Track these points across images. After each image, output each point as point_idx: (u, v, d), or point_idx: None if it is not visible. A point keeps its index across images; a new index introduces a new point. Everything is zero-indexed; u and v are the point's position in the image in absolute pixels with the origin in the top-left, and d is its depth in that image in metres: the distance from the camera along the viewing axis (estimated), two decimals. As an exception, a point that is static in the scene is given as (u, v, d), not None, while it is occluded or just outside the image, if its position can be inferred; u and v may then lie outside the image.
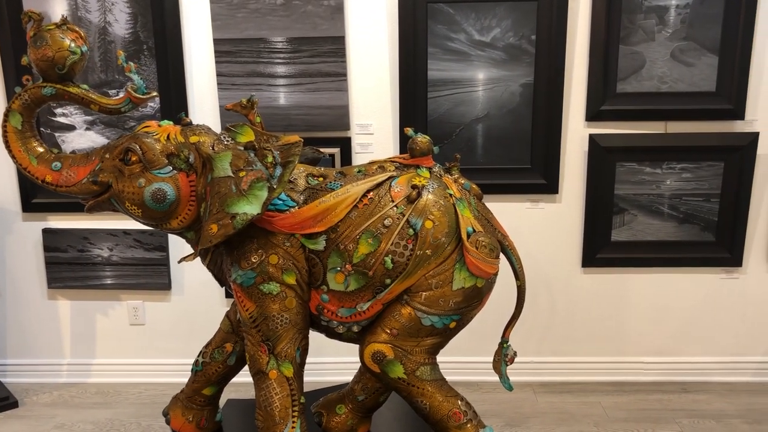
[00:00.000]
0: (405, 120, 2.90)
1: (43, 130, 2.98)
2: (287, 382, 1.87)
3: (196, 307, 3.18)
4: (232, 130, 1.83)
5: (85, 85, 1.84)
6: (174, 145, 1.81)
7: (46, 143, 1.90)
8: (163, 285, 3.13)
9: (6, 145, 1.83)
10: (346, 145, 2.96)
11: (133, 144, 1.80)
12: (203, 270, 2.08)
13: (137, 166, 1.80)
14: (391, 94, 2.94)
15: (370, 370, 1.88)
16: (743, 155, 2.91)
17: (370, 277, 1.81)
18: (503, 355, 1.98)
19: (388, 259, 1.79)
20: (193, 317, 3.19)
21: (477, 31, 2.83)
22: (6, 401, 2.99)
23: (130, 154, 1.80)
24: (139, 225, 2.89)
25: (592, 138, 2.92)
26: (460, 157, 2.03)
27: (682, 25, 2.81)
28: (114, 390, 3.17)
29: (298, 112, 2.92)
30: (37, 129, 1.90)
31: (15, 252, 3.16)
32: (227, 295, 3.13)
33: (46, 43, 1.74)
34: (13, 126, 1.81)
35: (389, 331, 1.84)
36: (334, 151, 2.94)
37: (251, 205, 1.73)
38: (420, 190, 1.82)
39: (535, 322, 3.14)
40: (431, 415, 1.87)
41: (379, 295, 1.83)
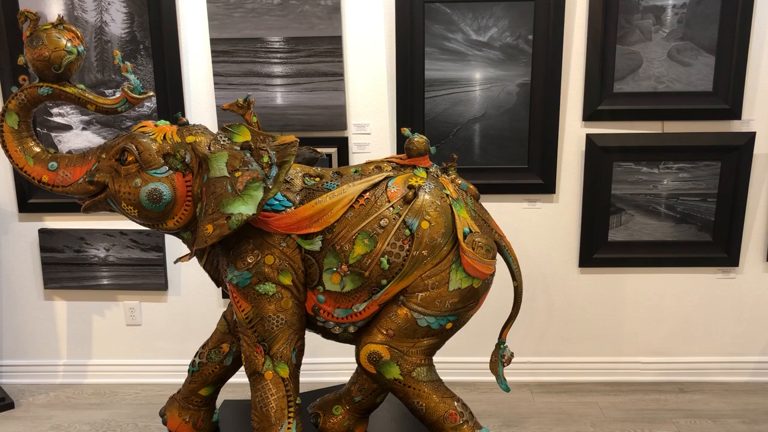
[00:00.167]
0: (402, 120, 2.90)
1: (39, 130, 2.97)
2: (283, 382, 1.87)
3: (192, 307, 3.17)
4: (228, 130, 1.83)
5: (82, 85, 1.84)
6: (170, 145, 1.81)
7: (43, 143, 1.90)
8: (160, 285, 3.13)
9: (2, 145, 1.83)
10: (343, 145, 2.96)
11: (130, 144, 1.80)
12: (200, 270, 2.09)
13: (133, 166, 1.80)
14: (388, 93, 2.93)
15: (366, 370, 1.87)
16: (740, 155, 2.91)
17: (366, 278, 1.81)
18: (500, 356, 1.98)
19: (384, 259, 1.79)
20: (190, 318, 3.18)
21: (474, 31, 2.83)
22: (2, 402, 2.98)
23: (127, 154, 1.80)
24: (135, 225, 2.90)
25: (589, 138, 2.92)
26: (457, 157, 2.02)
27: (679, 25, 2.81)
28: (111, 391, 3.16)
29: (295, 111, 2.92)
30: (34, 129, 1.90)
31: (11, 252, 3.15)
32: (224, 296, 3.13)
33: (42, 42, 1.75)
34: (9, 126, 1.81)
35: (385, 332, 1.84)
36: (331, 150, 2.94)
37: (247, 206, 1.73)
38: (416, 191, 1.81)
39: (532, 322, 3.14)
40: (427, 417, 1.87)
41: (375, 296, 1.82)
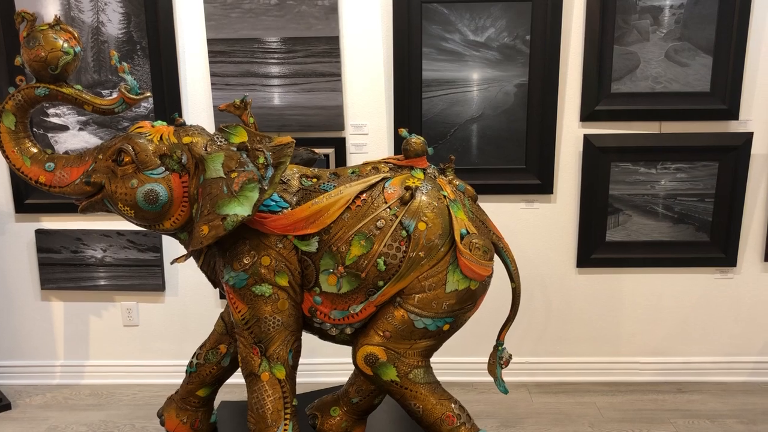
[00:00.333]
0: (399, 120, 2.90)
1: (36, 130, 2.96)
2: (279, 384, 1.86)
3: (190, 308, 3.17)
4: (225, 131, 1.83)
5: (79, 86, 1.84)
6: (167, 145, 1.81)
7: (39, 144, 1.89)
8: (157, 286, 3.12)
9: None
10: (340, 145, 2.95)
11: (126, 145, 1.80)
12: (197, 271, 2.08)
13: (130, 166, 1.80)
14: (386, 94, 2.93)
15: (363, 372, 1.87)
16: (737, 155, 2.91)
17: (363, 279, 1.80)
18: (498, 358, 1.97)
19: (381, 260, 1.78)
20: (187, 318, 3.18)
21: (471, 32, 2.82)
22: (-1, 403, 2.98)
23: (123, 154, 1.80)
24: (132, 226, 2.89)
25: (587, 138, 2.92)
26: (455, 158, 2.02)
27: (677, 26, 2.81)
28: (108, 391, 3.15)
29: (292, 112, 2.91)
30: (30, 129, 1.90)
31: (8, 253, 3.14)
32: (221, 297, 3.12)
33: (38, 43, 1.75)
34: (6, 126, 1.81)
35: (382, 334, 1.83)
36: (329, 151, 2.94)
37: (242, 207, 1.72)
38: (413, 192, 1.81)
39: (529, 322, 3.14)
40: (424, 419, 1.87)
41: (372, 297, 1.82)
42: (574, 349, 3.18)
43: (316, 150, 2.13)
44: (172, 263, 1.83)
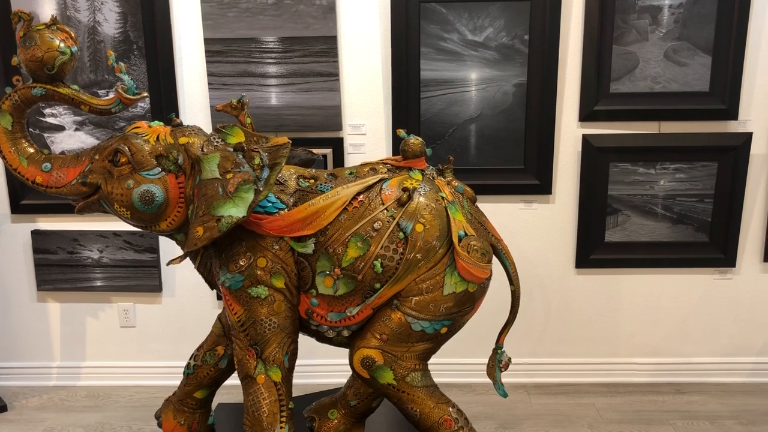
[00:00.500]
0: (397, 120, 2.89)
1: (32, 130, 2.94)
2: (275, 387, 1.85)
3: (187, 309, 3.16)
4: (222, 131, 1.82)
5: (75, 86, 1.84)
6: (163, 146, 1.80)
7: (36, 144, 1.89)
8: (154, 287, 3.11)
9: None
10: (338, 145, 2.94)
11: (122, 145, 1.79)
12: (194, 272, 2.07)
13: (126, 167, 1.79)
14: (384, 94, 2.92)
15: (360, 375, 1.85)
16: (737, 155, 2.90)
17: (360, 281, 1.79)
18: (497, 361, 1.95)
19: (378, 263, 1.77)
20: (185, 319, 3.16)
21: (470, 31, 2.81)
22: (-5, 405, 2.97)
23: (119, 155, 1.79)
24: (129, 227, 2.87)
25: (586, 138, 2.91)
26: (454, 159, 2.01)
27: (676, 25, 2.80)
28: (104, 393, 3.14)
29: (289, 112, 2.90)
30: (27, 130, 1.89)
31: (3, 254, 3.12)
32: (218, 298, 3.11)
33: (35, 43, 1.75)
34: (3, 127, 1.81)
35: (379, 337, 1.82)
36: (327, 151, 2.93)
37: (237, 208, 1.71)
38: (411, 193, 1.80)
39: (528, 323, 3.13)
40: (422, 422, 1.85)
41: (369, 300, 1.80)
42: (573, 350, 3.17)
43: (314, 150, 2.12)
44: (168, 264, 1.82)
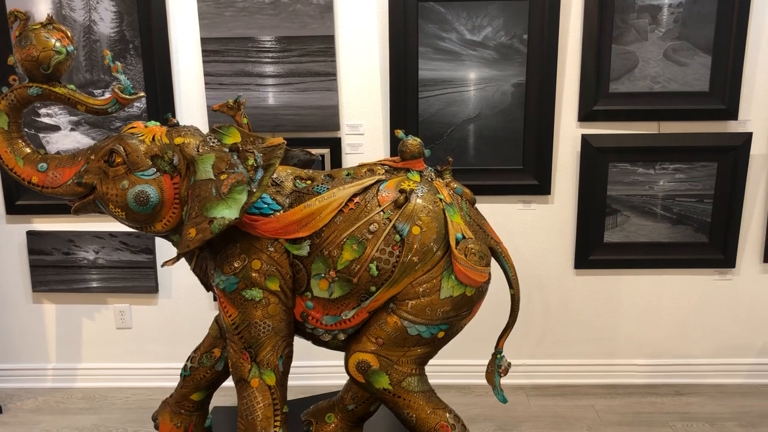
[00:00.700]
0: (395, 120, 2.87)
1: (27, 130, 2.91)
2: (269, 390, 1.83)
3: (183, 310, 3.14)
4: (218, 132, 1.80)
5: (72, 85, 1.83)
6: (158, 146, 1.79)
7: (31, 144, 1.87)
8: (150, 288, 3.09)
9: None
10: (336, 145, 2.92)
11: (118, 145, 1.78)
12: (191, 273, 2.05)
13: (121, 167, 1.78)
14: (382, 94, 2.90)
15: (355, 379, 1.83)
16: (736, 155, 2.89)
17: (355, 285, 1.76)
18: (497, 366, 1.93)
19: (373, 265, 1.74)
20: (181, 321, 3.15)
21: (468, 31, 2.80)
22: (-10, 407, 2.95)
23: (115, 155, 1.78)
24: (125, 227, 2.86)
25: (585, 138, 2.90)
26: (452, 160, 1.99)
27: (675, 25, 2.79)
28: (100, 395, 3.12)
29: (286, 112, 2.88)
30: (23, 129, 1.88)
31: (-1, 255, 3.11)
32: (215, 299, 3.08)
33: (31, 42, 1.74)
34: None
35: (375, 340, 1.80)
36: (324, 151, 2.91)
37: (230, 209, 1.70)
38: (408, 195, 1.77)
39: (527, 324, 3.11)
40: (418, 428, 1.83)
41: (364, 303, 1.78)
42: (571, 351, 3.15)
43: (312, 151, 2.10)
44: (163, 266, 1.81)
